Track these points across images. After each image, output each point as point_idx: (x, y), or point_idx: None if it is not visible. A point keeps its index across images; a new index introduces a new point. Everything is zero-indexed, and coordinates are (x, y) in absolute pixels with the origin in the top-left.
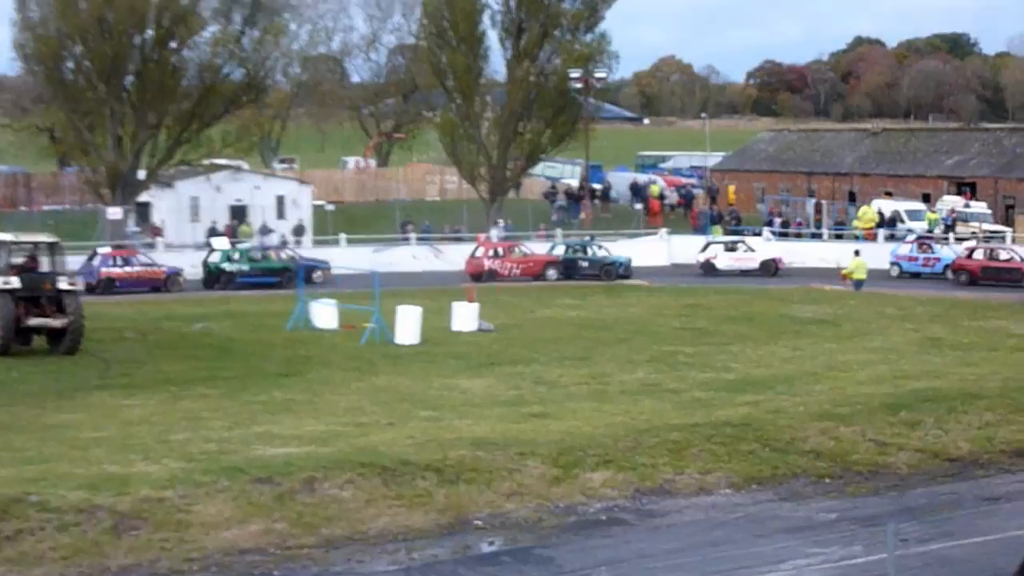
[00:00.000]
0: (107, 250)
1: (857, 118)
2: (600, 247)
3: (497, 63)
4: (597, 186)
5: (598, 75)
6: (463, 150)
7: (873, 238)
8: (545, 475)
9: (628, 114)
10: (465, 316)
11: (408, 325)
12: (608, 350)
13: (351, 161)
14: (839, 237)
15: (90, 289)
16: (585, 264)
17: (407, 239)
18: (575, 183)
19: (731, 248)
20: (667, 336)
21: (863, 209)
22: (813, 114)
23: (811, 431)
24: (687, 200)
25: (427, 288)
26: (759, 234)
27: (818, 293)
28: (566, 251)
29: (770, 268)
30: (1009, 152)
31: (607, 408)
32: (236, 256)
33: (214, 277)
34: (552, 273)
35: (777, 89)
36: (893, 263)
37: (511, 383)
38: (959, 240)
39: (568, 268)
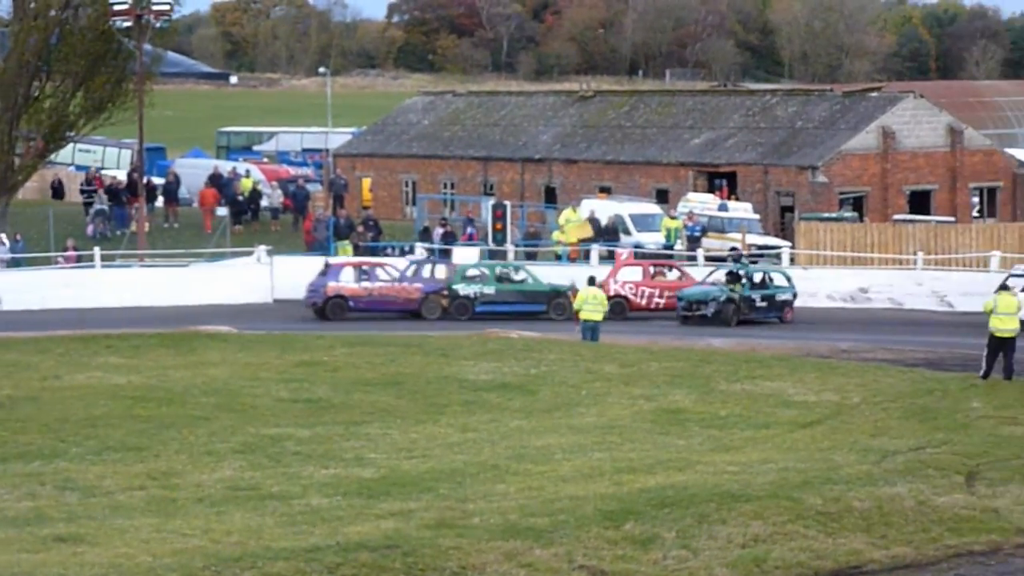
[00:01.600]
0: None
1: (558, 75)
2: None
3: None
4: (158, 180)
5: (157, 7)
6: None
7: (579, 256)
8: None
9: (206, 68)
10: None
11: None
12: (176, 435)
13: None
14: (531, 256)
15: (318, 312)
16: None
17: None
18: (122, 175)
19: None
20: (267, 412)
21: (566, 214)
22: (491, 68)
23: (492, 555)
24: (298, 201)
25: None
26: (410, 252)
27: (501, 343)
28: None
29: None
30: (786, 125)
31: (175, 526)
32: (478, 274)
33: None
34: None
35: (435, 31)
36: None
37: (23, 489)
38: (711, 260)
39: None
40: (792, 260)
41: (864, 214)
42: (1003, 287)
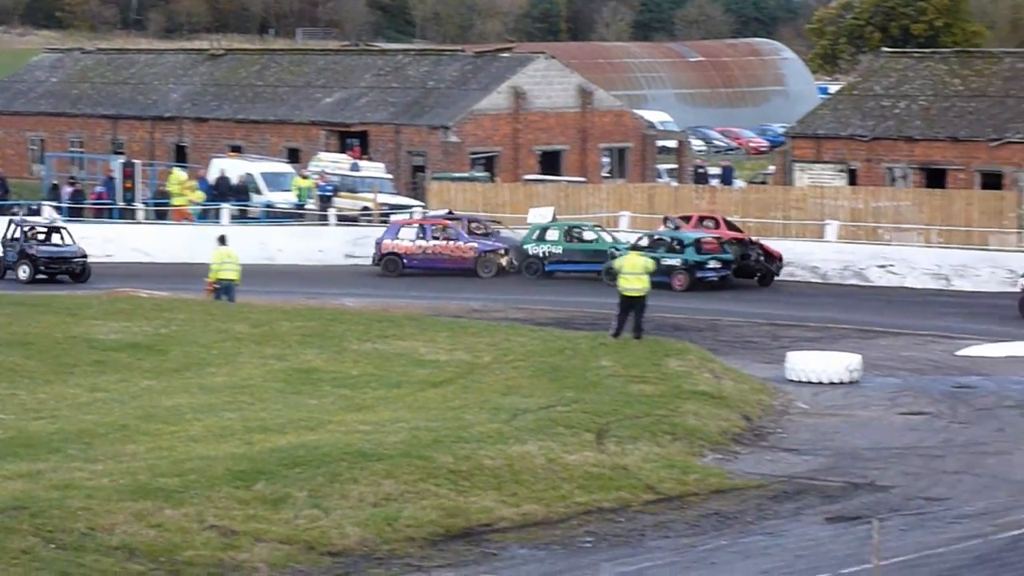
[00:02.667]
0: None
1: (188, 33)
2: None
3: None
4: None
5: None
6: None
7: (188, 217)
8: None
9: None
10: None
11: None
12: None
13: None
14: (161, 216)
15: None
16: None
17: None
18: None
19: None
20: None
21: (174, 173)
22: (120, 26)
23: (121, 516)
24: None
25: None
26: (37, 212)
27: (131, 303)
28: None
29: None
30: (418, 85)
31: None
32: (549, 235)
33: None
34: None
35: None
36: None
37: None
38: (344, 220)
39: None
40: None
41: (496, 174)
42: (634, 247)
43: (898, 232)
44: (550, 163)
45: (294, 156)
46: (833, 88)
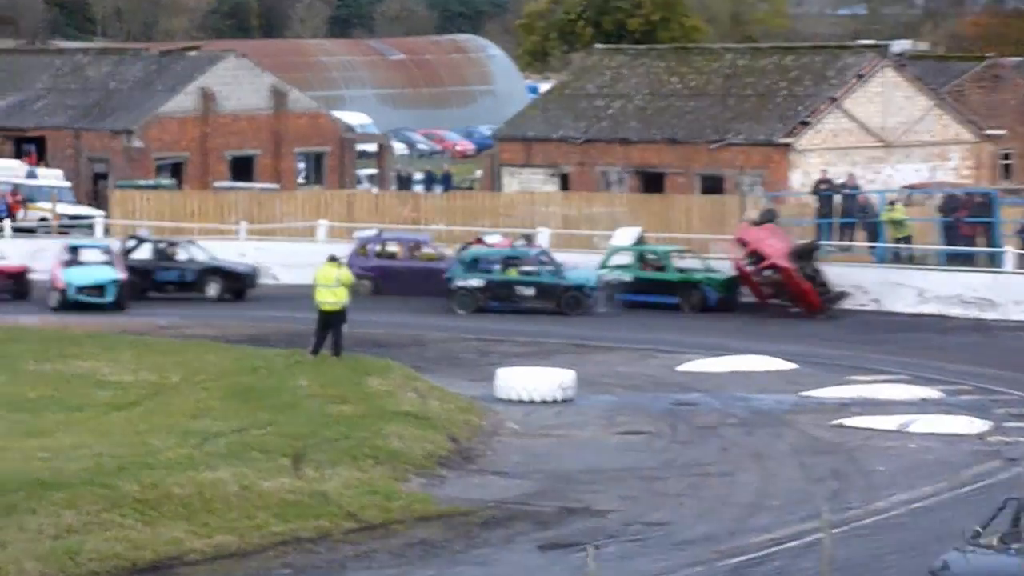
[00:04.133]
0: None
1: None
2: None
3: None
4: None
5: None
6: None
7: None
8: None
9: None
10: None
11: None
12: None
13: None
14: None
15: None
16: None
17: None
18: None
19: None
20: None
21: None
22: None
23: None
24: None
25: None
26: None
27: None
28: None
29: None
30: (99, 87)
31: None
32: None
33: None
34: None
35: None
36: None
37: None
38: (19, 231)
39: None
40: (107, 231)
41: (183, 181)
42: (331, 258)
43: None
44: (242, 169)
45: None
46: (544, 87)
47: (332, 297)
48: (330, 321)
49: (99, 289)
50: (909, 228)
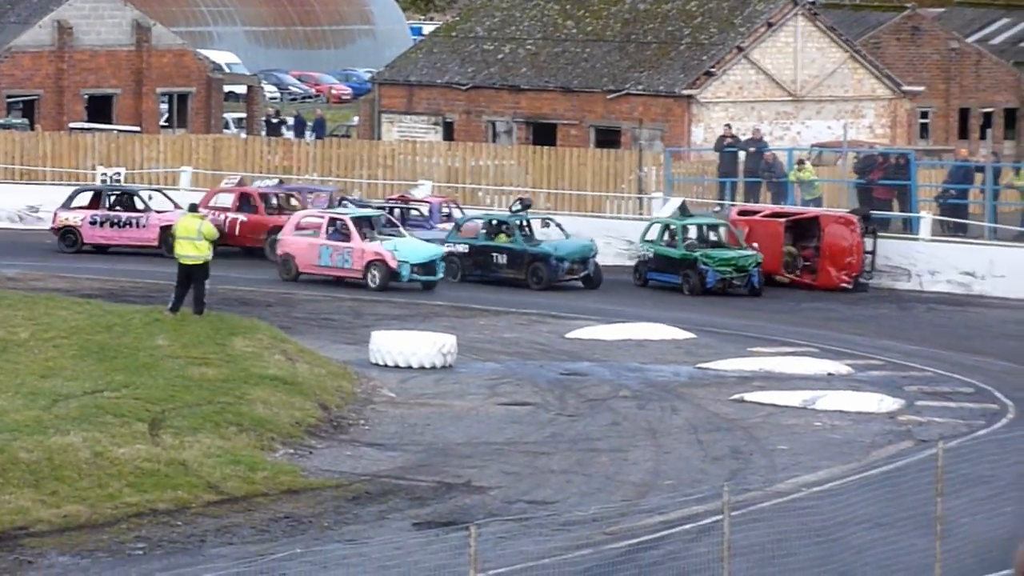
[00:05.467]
0: None
1: None
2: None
3: None
4: None
5: None
6: None
7: None
8: None
9: None
10: None
11: None
12: None
13: None
14: None
15: None
16: None
17: None
18: None
19: None
20: None
21: None
22: None
23: None
24: None
25: None
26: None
27: None
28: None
29: None
30: None
31: None
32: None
33: None
34: None
35: None
36: None
37: None
38: None
39: None
40: None
41: (36, 120)
42: (192, 207)
43: (500, 195)
44: (99, 109)
45: None
46: (428, 29)
47: (193, 251)
48: (191, 276)
49: None
50: (819, 189)
